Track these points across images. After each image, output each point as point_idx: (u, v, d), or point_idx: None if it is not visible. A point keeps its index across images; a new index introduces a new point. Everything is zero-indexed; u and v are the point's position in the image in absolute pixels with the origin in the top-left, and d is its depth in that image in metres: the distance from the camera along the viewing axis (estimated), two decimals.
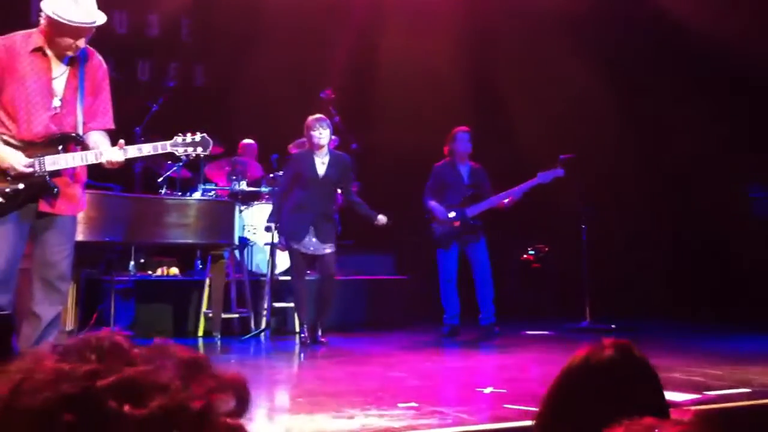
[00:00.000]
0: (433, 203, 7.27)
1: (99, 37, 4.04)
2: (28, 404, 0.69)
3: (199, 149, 4.20)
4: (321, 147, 6.47)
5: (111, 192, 6.56)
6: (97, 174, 5.42)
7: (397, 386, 4.49)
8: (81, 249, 5.09)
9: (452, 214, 7.19)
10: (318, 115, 6.54)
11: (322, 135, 6.44)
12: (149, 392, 0.71)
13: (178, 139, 4.16)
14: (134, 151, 4.06)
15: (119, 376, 0.71)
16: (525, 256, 9.42)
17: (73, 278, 5.02)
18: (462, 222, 7.19)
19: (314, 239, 6.45)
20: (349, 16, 9.77)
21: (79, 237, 5.21)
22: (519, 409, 3.65)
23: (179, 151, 4.17)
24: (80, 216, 5.22)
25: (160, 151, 4.21)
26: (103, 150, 4.01)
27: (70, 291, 5.35)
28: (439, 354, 6.42)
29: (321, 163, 6.49)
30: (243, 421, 0.77)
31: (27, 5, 8.49)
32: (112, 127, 4.23)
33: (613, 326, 7.16)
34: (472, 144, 7.34)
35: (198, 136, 4.19)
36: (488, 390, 4.31)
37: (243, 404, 0.77)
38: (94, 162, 4.03)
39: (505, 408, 3.72)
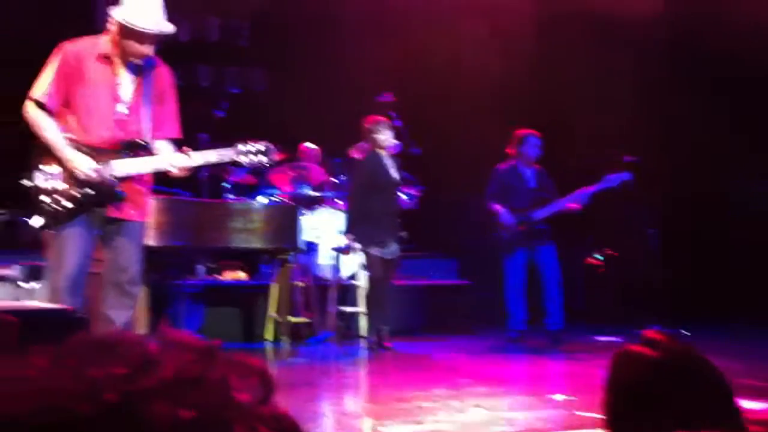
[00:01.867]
0: (498, 207, 7.13)
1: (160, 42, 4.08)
2: (70, 419, 0.64)
3: (263, 158, 4.18)
4: (389, 148, 6.44)
5: (179, 198, 6.65)
6: (166, 180, 5.50)
7: (466, 392, 4.44)
8: (151, 254, 5.17)
9: (518, 219, 7.08)
10: (376, 117, 6.48)
11: (389, 136, 6.41)
12: (190, 390, 0.67)
13: (242, 147, 4.15)
14: (199, 158, 4.09)
15: (160, 378, 0.67)
16: (591, 260, 9.25)
17: (143, 282, 5.09)
18: (528, 226, 7.08)
19: (393, 243, 6.45)
20: (405, 19, 9.76)
21: (150, 242, 5.31)
22: (591, 416, 3.57)
23: (243, 160, 4.17)
24: (150, 221, 5.32)
25: (225, 160, 4.22)
26: (170, 157, 4.05)
27: (141, 295, 5.42)
28: (506, 360, 6.34)
29: (390, 166, 6.48)
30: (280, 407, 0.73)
31: (92, 11, 8.67)
32: (180, 135, 4.27)
33: (683, 332, 6.96)
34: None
35: (261, 145, 4.17)
36: (559, 397, 4.23)
37: (269, 389, 0.73)
38: (161, 168, 4.07)
39: (576, 415, 3.64)
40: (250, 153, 4.13)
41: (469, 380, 4.91)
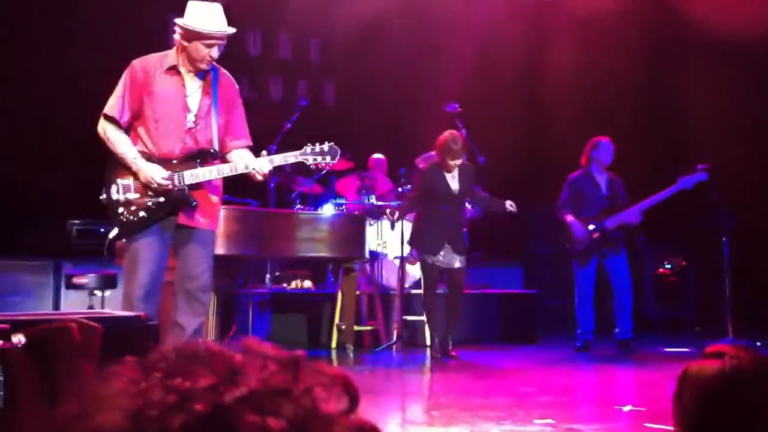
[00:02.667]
0: (570, 218, 7.04)
1: (233, 56, 4.20)
2: (164, 430, 0.65)
3: (328, 158, 4.27)
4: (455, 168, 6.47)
5: (248, 207, 6.79)
6: (235, 189, 5.63)
7: (531, 401, 4.42)
8: (220, 262, 5.29)
9: (591, 227, 6.99)
10: (455, 137, 6.43)
11: (460, 158, 6.41)
12: (277, 400, 0.68)
13: (307, 148, 4.26)
14: (265, 162, 4.18)
15: (247, 388, 0.67)
16: (661, 269, 9.08)
17: (212, 290, 5.22)
18: (602, 234, 6.98)
19: (450, 253, 6.47)
20: (470, 31, 9.78)
21: (219, 250, 5.43)
22: (660, 428, 3.52)
23: (308, 160, 4.25)
24: (220, 230, 5.44)
25: (290, 161, 4.32)
26: (237, 162, 4.14)
27: (211, 302, 5.55)
28: (573, 369, 6.27)
29: (452, 177, 6.49)
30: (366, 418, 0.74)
31: (166, 30, 8.92)
32: (250, 142, 4.38)
33: (758, 343, 6.78)
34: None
35: (326, 146, 4.27)
36: (627, 408, 4.18)
37: (354, 399, 0.73)
38: (230, 174, 4.18)
39: (646, 427, 3.60)
40: (315, 154, 4.22)
41: (534, 390, 4.87)
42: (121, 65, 4.28)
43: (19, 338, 1.45)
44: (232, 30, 4.13)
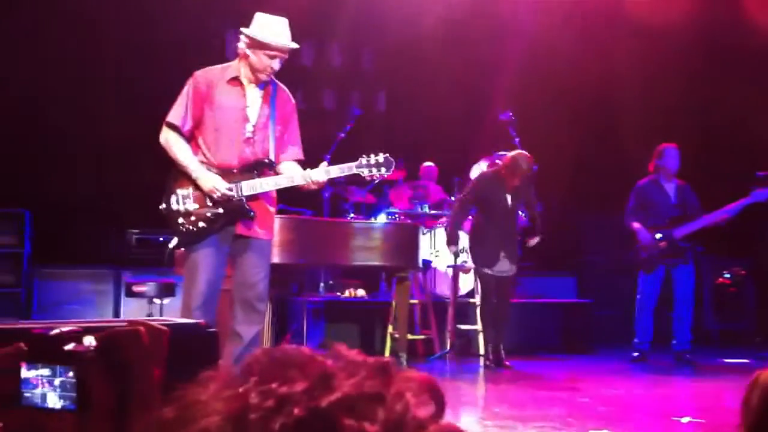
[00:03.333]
0: (637, 226, 6.94)
1: (287, 67, 4.27)
2: None
3: (383, 170, 4.29)
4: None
5: (303, 216, 6.87)
6: (290, 199, 5.70)
7: (586, 412, 4.39)
8: (275, 270, 5.36)
9: (658, 236, 6.89)
10: (526, 158, 6.42)
11: (523, 180, 6.42)
12: (371, 405, 0.69)
13: (363, 160, 4.28)
14: (322, 173, 4.23)
15: (343, 393, 0.69)
16: (720, 279, 8.90)
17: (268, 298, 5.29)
18: (670, 244, 6.87)
19: (505, 262, 6.47)
20: (522, 39, 9.76)
21: (275, 259, 5.50)
22: None
23: (364, 172, 4.28)
24: (275, 239, 5.52)
25: (346, 173, 4.34)
26: (293, 174, 4.20)
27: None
28: (628, 380, 6.19)
29: (508, 190, 6.50)
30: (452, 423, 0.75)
31: (223, 47, 9.10)
32: (302, 157, 4.43)
33: None
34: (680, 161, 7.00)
35: (381, 157, 4.28)
36: (686, 419, 4.12)
37: (441, 404, 0.75)
38: (287, 186, 4.23)
39: None
40: (370, 165, 4.25)
41: (589, 401, 4.83)
42: (179, 77, 4.38)
43: (90, 341, 1.51)
44: (296, 45, 4.20)
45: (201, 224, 4.13)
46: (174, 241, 4.22)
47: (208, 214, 4.13)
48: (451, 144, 9.14)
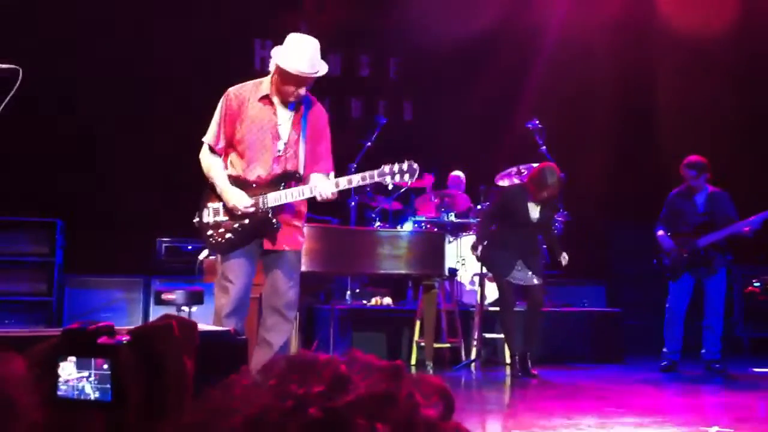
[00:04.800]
0: (660, 233, 6.97)
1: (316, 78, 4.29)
2: None
3: (406, 176, 4.27)
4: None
5: (329, 225, 6.91)
6: (316, 207, 5.74)
7: (615, 422, 4.36)
8: (303, 279, 5.39)
9: (681, 245, 6.86)
10: (553, 171, 6.40)
11: (550, 194, 6.40)
12: (383, 406, 0.72)
13: (386, 168, 4.27)
14: (344, 182, 4.26)
15: (355, 394, 0.72)
16: (751, 287, 8.81)
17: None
18: (692, 252, 6.82)
19: (525, 270, 6.44)
20: (544, 46, 9.76)
21: (303, 268, 5.54)
22: None
23: (387, 179, 4.28)
24: (303, 248, 5.56)
25: (368, 181, 4.34)
26: (317, 184, 4.23)
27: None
28: (657, 389, 6.14)
29: (534, 206, 6.47)
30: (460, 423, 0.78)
31: (251, 54, 9.20)
32: (332, 170, 4.46)
33: None
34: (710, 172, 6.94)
35: (405, 164, 4.27)
36: (714, 429, 4.08)
37: (450, 406, 0.78)
38: (310, 195, 4.26)
39: None
40: (393, 173, 4.26)
41: (618, 410, 4.80)
42: (212, 92, 4.46)
43: (123, 335, 1.56)
44: (324, 70, 4.21)
45: (228, 236, 4.21)
46: (204, 253, 4.30)
47: (236, 226, 4.21)
48: (477, 152, 9.15)
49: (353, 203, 7.80)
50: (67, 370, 1.50)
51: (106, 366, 1.48)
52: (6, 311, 7.44)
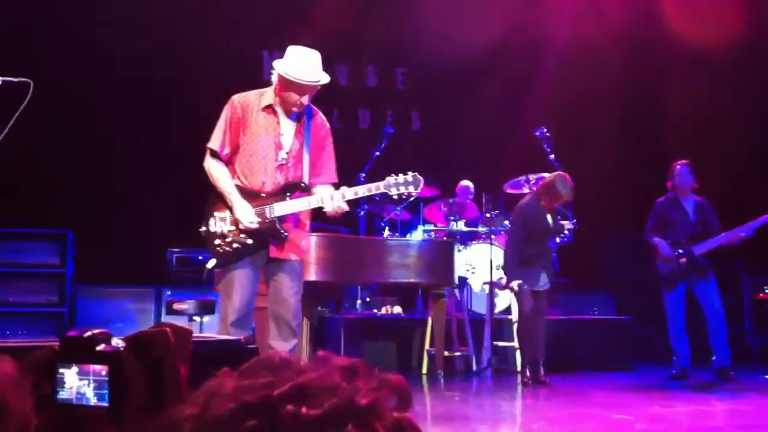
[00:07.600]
0: (657, 240, 6.94)
1: (323, 87, 4.33)
2: (218, 415, 0.79)
3: (411, 188, 4.32)
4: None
5: (339, 234, 6.93)
6: (326, 218, 5.77)
7: (624, 430, 4.35)
8: (312, 288, 5.42)
9: (679, 251, 6.85)
10: (566, 180, 6.41)
11: (562, 202, 6.46)
12: (320, 395, 0.78)
13: (391, 179, 4.32)
14: (350, 193, 4.29)
15: (292, 384, 0.79)
16: (761, 295, 8.76)
17: (305, 315, 5.36)
18: (689, 260, 6.82)
19: (544, 276, 6.48)
20: (551, 56, 9.78)
21: (311, 277, 5.58)
22: None
23: (392, 191, 4.32)
24: (311, 257, 5.59)
25: (374, 192, 4.39)
26: (323, 194, 4.27)
27: (304, 327, 5.69)
28: (668, 397, 6.11)
29: (547, 215, 6.52)
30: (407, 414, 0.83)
31: (260, 66, 9.25)
32: (336, 180, 4.51)
33: None
34: (695, 177, 6.96)
35: (410, 176, 4.32)
36: None
37: (405, 400, 0.83)
38: (317, 206, 4.31)
39: None
40: (399, 184, 4.29)
41: (627, 418, 4.79)
42: (217, 99, 4.49)
43: (118, 342, 1.59)
44: (326, 79, 4.26)
45: (235, 245, 4.25)
46: (212, 262, 4.33)
47: (242, 236, 4.24)
48: (485, 161, 9.16)
49: (362, 212, 7.82)
50: (67, 376, 1.53)
51: (104, 372, 1.51)
52: (18, 322, 7.50)
